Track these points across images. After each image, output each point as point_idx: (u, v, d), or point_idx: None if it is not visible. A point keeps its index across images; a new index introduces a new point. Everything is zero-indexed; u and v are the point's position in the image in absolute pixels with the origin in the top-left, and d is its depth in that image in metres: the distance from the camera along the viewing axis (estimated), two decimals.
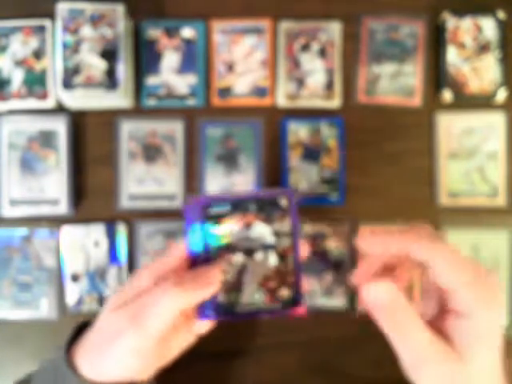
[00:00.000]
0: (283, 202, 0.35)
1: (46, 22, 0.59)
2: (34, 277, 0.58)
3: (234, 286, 0.36)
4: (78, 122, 0.59)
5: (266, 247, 0.36)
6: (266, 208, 0.35)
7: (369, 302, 0.32)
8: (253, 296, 0.36)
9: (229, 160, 0.59)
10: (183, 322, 0.38)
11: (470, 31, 0.60)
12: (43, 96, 0.58)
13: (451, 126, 0.59)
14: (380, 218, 0.58)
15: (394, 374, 0.57)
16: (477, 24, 0.60)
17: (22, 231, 0.58)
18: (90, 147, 0.60)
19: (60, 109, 0.59)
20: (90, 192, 0.59)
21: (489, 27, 0.60)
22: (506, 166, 0.59)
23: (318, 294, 0.58)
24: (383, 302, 0.32)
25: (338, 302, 0.58)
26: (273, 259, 0.36)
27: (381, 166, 0.60)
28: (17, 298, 0.58)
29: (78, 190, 0.59)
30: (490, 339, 0.30)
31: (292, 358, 0.58)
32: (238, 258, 0.36)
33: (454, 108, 0.60)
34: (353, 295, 0.58)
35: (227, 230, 0.36)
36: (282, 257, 0.36)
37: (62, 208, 0.58)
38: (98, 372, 0.35)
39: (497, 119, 0.59)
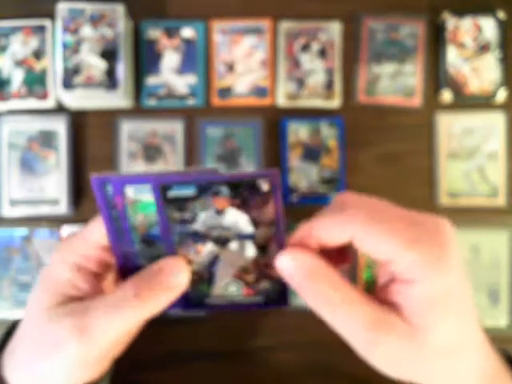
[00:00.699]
0: (264, 185, 0.28)
1: (46, 22, 0.59)
2: (33, 277, 0.58)
3: (203, 278, 0.31)
4: (78, 121, 0.59)
5: (243, 237, 0.30)
6: (241, 192, 0.29)
7: (284, 271, 0.28)
8: (227, 288, 0.31)
9: (229, 160, 0.59)
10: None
11: (470, 31, 0.60)
12: (43, 96, 0.58)
13: (451, 126, 0.59)
14: None
15: None
16: (477, 24, 0.60)
17: (21, 231, 0.58)
18: (89, 147, 0.60)
19: (60, 109, 0.59)
20: (90, 192, 0.59)
21: (489, 27, 0.60)
22: (505, 166, 0.59)
23: None
24: (299, 271, 0.27)
25: None
26: (250, 250, 0.30)
27: (381, 166, 0.60)
28: (17, 298, 0.58)
29: (78, 190, 0.59)
30: (447, 304, 0.25)
31: (292, 358, 0.58)
32: (208, 247, 0.30)
33: (454, 108, 0.60)
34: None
35: (193, 216, 0.30)
36: (262, 247, 0.30)
37: (62, 208, 0.58)
38: None
39: (497, 119, 0.59)
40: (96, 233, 0.30)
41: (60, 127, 0.58)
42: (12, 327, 0.33)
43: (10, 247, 0.58)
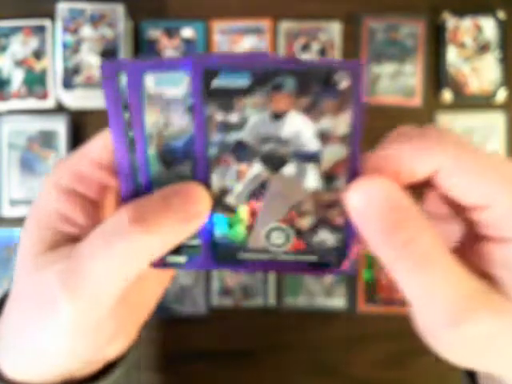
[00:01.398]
0: (343, 81, 0.20)
1: (46, 22, 0.59)
2: None
3: (241, 218, 0.22)
4: (78, 122, 0.59)
5: (304, 157, 0.21)
6: (311, 89, 0.20)
7: (357, 209, 0.20)
8: (269, 237, 0.22)
9: None
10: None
11: (470, 31, 0.60)
12: (43, 96, 0.58)
13: (451, 126, 0.59)
14: None
15: (394, 374, 0.58)
16: (477, 24, 0.60)
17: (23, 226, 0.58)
18: None
19: (60, 109, 0.59)
20: None
21: (489, 27, 0.60)
22: None
23: (318, 294, 0.58)
24: (381, 209, 0.19)
25: (337, 302, 0.58)
26: (312, 179, 0.21)
27: None
28: None
29: None
30: None
31: (292, 358, 0.58)
32: (254, 169, 0.21)
33: (454, 108, 0.60)
34: (353, 295, 0.58)
35: (240, 119, 0.21)
36: (329, 177, 0.21)
37: None
38: (23, 370, 0.23)
39: (497, 119, 0.59)
40: (98, 146, 0.23)
41: (60, 127, 0.58)
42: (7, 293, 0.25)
43: (10, 247, 0.58)
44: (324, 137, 0.21)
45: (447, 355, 0.20)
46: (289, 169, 0.21)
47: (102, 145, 0.23)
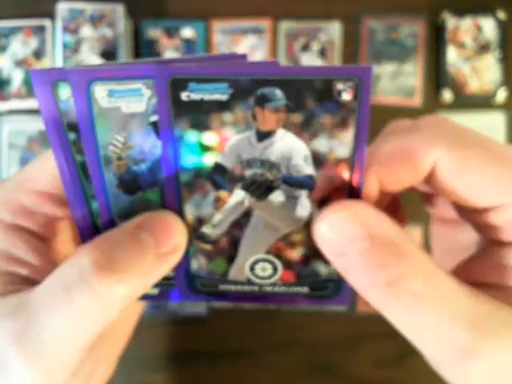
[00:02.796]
0: (345, 92, 0.16)
1: (46, 22, 0.59)
2: None
3: (220, 248, 0.19)
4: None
5: (295, 183, 0.18)
6: (305, 102, 0.16)
7: (328, 247, 0.17)
8: (254, 268, 0.19)
9: None
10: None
11: (470, 31, 0.60)
12: None
13: None
14: None
15: (394, 374, 0.58)
16: (477, 24, 0.60)
17: None
18: None
19: None
20: None
21: (489, 27, 0.60)
22: None
23: None
24: (357, 240, 0.16)
25: None
26: (304, 207, 0.18)
27: None
28: None
29: None
30: None
31: (292, 358, 0.58)
32: (235, 197, 0.18)
33: (454, 108, 0.60)
34: (353, 295, 0.58)
35: (217, 140, 0.17)
36: (323, 203, 0.18)
37: None
38: None
39: (497, 119, 0.59)
40: (39, 173, 0.20)
41: None
42: None
43: None
44: (319, 159, 0.17)
45: None
46: (277, 196, 0.18)
47: (43, 171, 0.19)
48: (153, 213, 0.18)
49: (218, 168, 0.18)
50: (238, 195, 0.18)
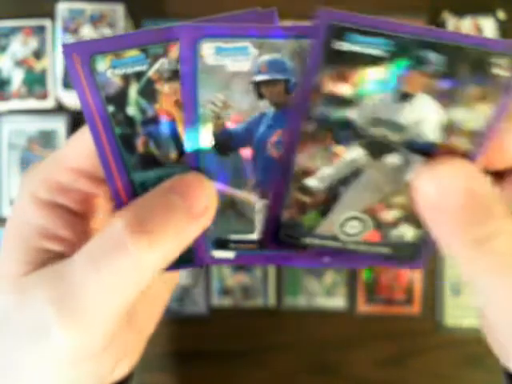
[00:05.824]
0: (501, 66, 0.16)
1: (46, 22, 0.59)
2: None
3: (317, 201, 0.19)
4: (78, 122, 0.59)
5: (416, 148, 0.18)
6: (458, 70, 0.16)
7: (426, 199, 0.17)
8: (344, 225, 0.19)
9: None
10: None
11: (470, 31, 0.60)
12: (43, 96, 0.58)
13: None
14: None
15: (394, 374, 0.58)
16: (477, 24, 0.60)
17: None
18: None
19: (60, 109, 0.59)
20: None
21: (489, 27, 0.60)
22: None
23: (318, 294, 0.58)
24: (456, 195, 0.16)
25: (338, 301, 0.58)
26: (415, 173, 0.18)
27: None
28: None
29: None
30: None
31: (292, 358, 0.58)
32: (353, 153, 0.18)
33: None
34: (353, 295, 0.58)
35: (356, 94, 0.17)
36: None
37: None
38: None
39: None
40: (75, 151, 0.20)
41: (60, 127, 0.58)
42: None
43: None
44: (450, 129, 0.17)
45: None
46: (392, 158, 0.18)
47: (79, 149, 0.20)
48: (183, 175, 0.18)
49: (346, 123, 0.17)
50: (355, 152, 0.18)
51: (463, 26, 0.60)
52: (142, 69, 0.18)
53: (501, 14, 0.60)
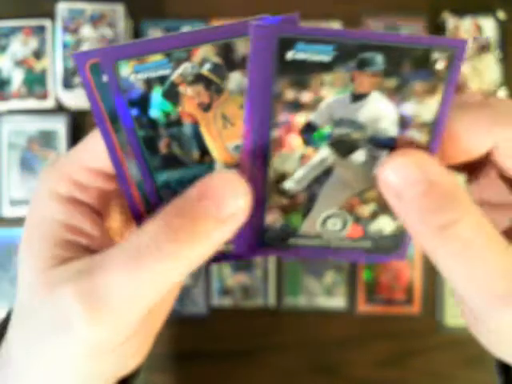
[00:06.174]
0: (441, 61, 0.18)
1: (46, 22, 0.59)
2: None
3: (296, 203, 0.20)
4: (78, 121, 0.59)
5: (379, 143, 0.19)
6: (402, 68, 0.18)
7: (390, 188, 0.18)
8: (325, 223, 0.21)
9: None
10: None
11: (470, 31, 0.60)
12: (43, 96, 0.58)
13: None
14: None
15: (394, 374, 0.58)
16: (477, 24, 0.60)
17: (22, 231, 0.58)
18: None
19: (60, 109, 0.59)
20: None
21: (489, 27, 0.60)
22: None
23: (318, 293, 0.58)
24: (419, 183, 0.17)
25: (338, 301, 0.58)
26: None
27: None
28: None
29: None
30: None
31: (292, 358, 0.58)
32: (321, 153, 0.19)
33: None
34: (353, 295, 0.58)
35: (315, 98, 0.18)
36: None
37: None
38: None
39: None
40: (93, 152, 0.20)
41: (60, 127, 0.58)
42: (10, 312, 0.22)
43: (10, 247, 0.58)
44: (405, 122, 0.19)
45: (492, 344, 0.19)
46: (358, 155, 0.20)
47: (97, 149, 0.20)
48: (214, 177, 0.18)
49: (310, 126, 0.19)
50: (324, 152, 0.19)
51: (463, 25, 0.60)
52: (165, 73, 0.19)
53: (501, 14, 0.60)
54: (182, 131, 0.19)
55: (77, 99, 0.56)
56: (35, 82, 0.59)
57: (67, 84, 0.55)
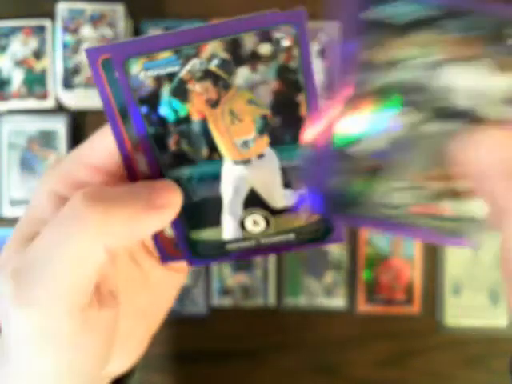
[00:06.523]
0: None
1: (46, 22, 0.59)
2: None
3: (376, 168, 0.18)
4: (78, 121, 0.59)
5: (455, 115, 0.17)
6: (506, 38, 0.16)
7: (477, 162, 0.16)
8: (399, 195, 0.18)
9: None
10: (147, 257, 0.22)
11: None
12: (43, 96, 0.58)
13: None
14: None
15: (394, 374, 0.58)
16: None
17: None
18: None
19: (60, 109, 0.59)
20: None
21: None
22: None
23: (318, 293, 0.58)
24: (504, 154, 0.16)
25: (338, 301, 0.58)
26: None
27: None
28: None
29: None
30: None
31: (292, 358, 0.58)
32: (411, 118, 0.18)
33: None
34: (353, 295, 0.58)
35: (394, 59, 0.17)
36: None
37: None
38: None
39: None
40: (96, 148, 0.20)
41: (60, 127, 0.58)
42: None
43: None
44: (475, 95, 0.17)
45: None
46: (431, 126, 0.18)
47: (100, 147, 0.20)
48: (157, 181, 0.19)
49: (401, 84, 0.17)
50: (413, 117, 0.18)
51: None
52: (173, 70, 0.19)
53: None
54: (191, 128, 0.20)
55: (77, 99, 0.56)
56: (35, 82, 0.59)
57: (67, 84, 0.55)
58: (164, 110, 0.19)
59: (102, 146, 0.20)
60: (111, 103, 0.19)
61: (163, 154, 0.20)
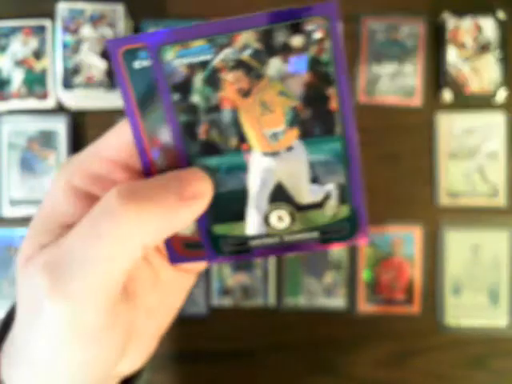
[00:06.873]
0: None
1: (46, 22, 0.59)
2: None
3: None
4: (78, 121, 0.59)
5: None
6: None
7: None
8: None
9: None
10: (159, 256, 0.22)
11: (470, 31, 0.60)
12: (43, 96, 0.58)
13: (451, 126, 0.59)
14: (380, 218, 0.58)
15: (395, 374, 0.58)
16: (477, 24, 0.60)
17: (22, 231, 0.58)
18: None
19: (60, 109, 0.59)
20: None
21: (489, 27, 0.60)
22: (506, 166, 0.59)
23: (318, 293, 0.58)
24: None
25: (338, 301, 0.58)
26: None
27: (381, 166, 0.60)
28: None
29: None
30: None
31: (292, 358, 0.58)
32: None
33: (454, 108, 0.60)
34: (353, 295, 0.58)
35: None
36: None
37: None
38: None
39: (497, 119, 0.59)
40: (114, 143, 0.20)
41: (60, 127, 0.58)
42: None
43: (10, 247, 0.58)
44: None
45: None
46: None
47: (117, 140, 0.20)
48: (183, 170, 0.19)
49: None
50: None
51: (463, 25, 0.60)
52: (206, 58, 0.19)
53: (501, 14, 0.59)
54: (222, 117, 0.20)
55: (77, 99, 0.56)
56: (35, 82, 0.59)
57: (67, 84, 0.55)
58: (196, 98, 0.19)
59: (119, 139, 0.20)
60: (130, 95, 0.19)
61: (192, 142, 0.20)
